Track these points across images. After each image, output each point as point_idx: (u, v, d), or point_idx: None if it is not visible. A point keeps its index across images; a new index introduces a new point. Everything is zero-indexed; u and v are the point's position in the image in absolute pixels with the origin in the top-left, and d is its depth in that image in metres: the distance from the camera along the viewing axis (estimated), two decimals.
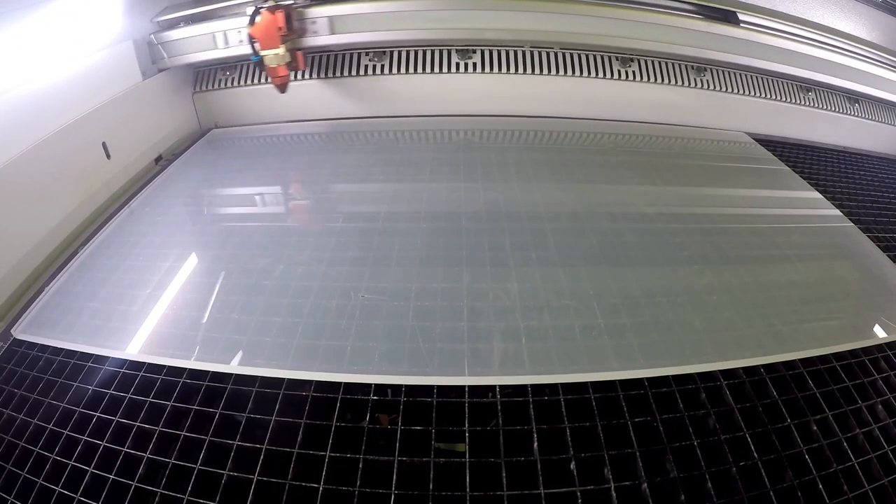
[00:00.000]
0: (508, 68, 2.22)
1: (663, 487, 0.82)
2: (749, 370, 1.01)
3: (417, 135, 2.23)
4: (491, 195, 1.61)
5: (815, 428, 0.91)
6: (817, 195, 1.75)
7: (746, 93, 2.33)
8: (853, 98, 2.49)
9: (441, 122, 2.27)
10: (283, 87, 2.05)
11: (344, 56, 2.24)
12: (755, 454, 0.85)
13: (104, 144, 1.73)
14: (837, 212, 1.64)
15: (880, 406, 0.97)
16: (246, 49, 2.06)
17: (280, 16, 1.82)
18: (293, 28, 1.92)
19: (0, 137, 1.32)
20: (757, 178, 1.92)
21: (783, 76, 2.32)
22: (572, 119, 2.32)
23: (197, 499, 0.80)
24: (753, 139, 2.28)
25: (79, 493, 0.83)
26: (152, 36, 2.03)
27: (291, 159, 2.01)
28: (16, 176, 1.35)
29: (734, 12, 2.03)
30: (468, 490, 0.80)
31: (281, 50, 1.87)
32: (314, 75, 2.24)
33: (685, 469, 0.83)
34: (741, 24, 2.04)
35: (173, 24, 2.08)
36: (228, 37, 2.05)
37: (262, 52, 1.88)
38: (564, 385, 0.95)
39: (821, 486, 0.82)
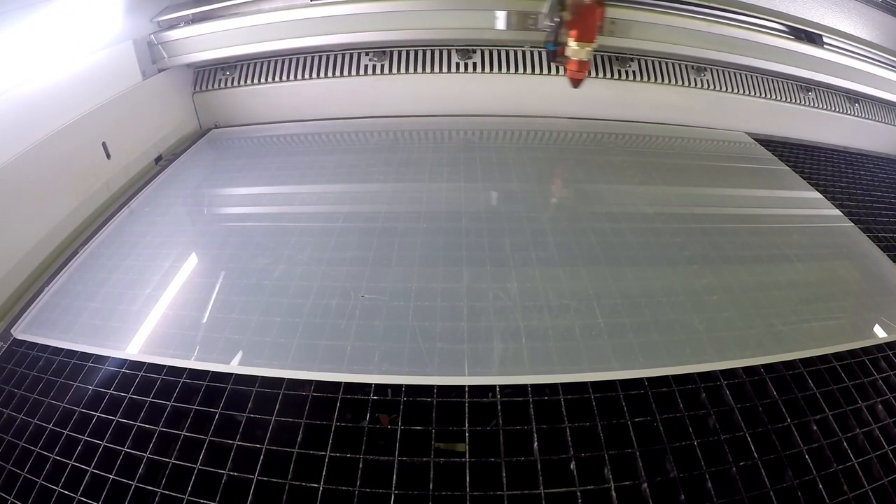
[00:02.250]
0: (508, 68, 2.22)
1: (663, 487, 0.81)
2: (749, 370, 1.01)
3: (417, 135, 2.23)
4: (491, 194, 1.61)
5: (815, 428, 0.91)
6: (817, 195, 1.75)
7: (746, 93, 2.33)
8: (853, 98, 2.49)
9: (441, 122, 2.27)
10: (578, 83, 1.87)
11: (344, 56, 2.24)
12: (755, 454, 0.85)
13: (104, 144, 1.73)
14: (837, 212, 1.64)
15: (880, 406, 0.97)
16: (246, 49, 2.05)
17: (602, 10, 1.70)
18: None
19: (0, 137, 1.32)
20: (757, 178, 1.92)
21: (783, 76, 2.32)
22: (572, 119, 2.32)
23: (197, 498, 0.80)
24: (753, 139, 2.28)
25: (79, 493, 0.83)
26: (152, 36, 2.03)
27: (291, 159, 2.01)
28: (16, 176, 1.35)
29: (819, 35, 2.01)
30: (468, 490, 0.80)
31: (594, 45, 1.73)
32: (320, 75, 2.23)
33: (685, 469, 0.83)
34: (825, 47, 2.04)
35: (173, 24, 2.08)
36: (230, 36, 2.05)
37: (574, 45, 1.70)
38: (564, 385, 0.95)
39: (821, 486, 0.82)
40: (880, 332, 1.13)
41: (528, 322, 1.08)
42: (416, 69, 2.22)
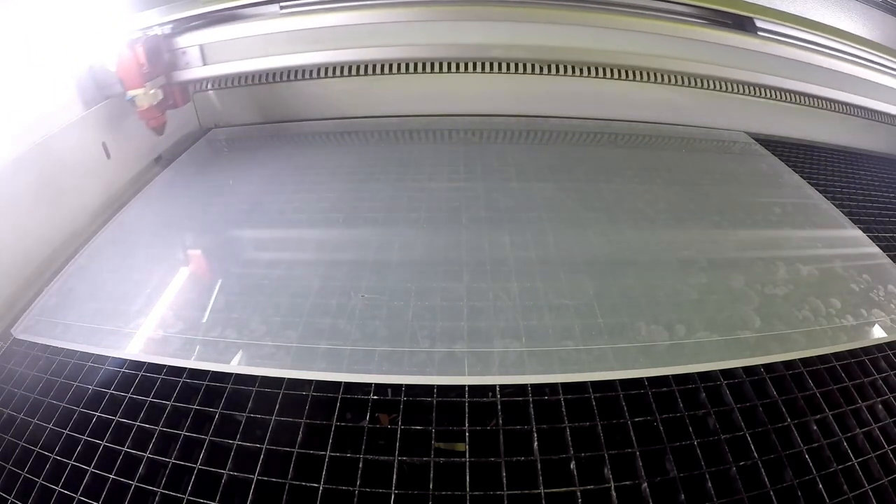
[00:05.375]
0: (509, 68, 2.21)
1: (663, 487, 0.82)
2: (749, 370, 1.01)
3: (418, 134, 2.23)
4: (491, 194, 1.61)
5: (814, 428, 0.91)
6: (817, 194, 1.75)
7: (746, 92, 2.33)
8: None
9: (441, 121, 2.27)
10: (158, 130, 1.80)
11: None
12: (755, 454, 0.85)
13: (104, 144, 1.73)
14: (837, 211, 1.64)
15: (880, 406, 0.97)
16: (207, 72, 1.91)
17: (140, 50, 1.58)
18: (164, 62, 1.70)
19: (0, 137, 1.32)
20: (756, 178, 1.92)
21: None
22: (572, 118, 2.32)
23: (197, 498, 0.80)
24: (753, 139, 2.27)
25: (79, 493, 0.83)
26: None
27: (291, 159, 2.01)
28: (16, 176, 1.35)
29: (750, 18, 1.79)
30: (468, 490, 0.80)
31: (145, 90, 1.61)
32: (319, 75, 2.23)
33: (685, 469, 0.83)
34: (758, 33, 1.84)
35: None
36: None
37: (130, 93, 1.61)
38: (564, 385, 0.95)
39: (821, 486, 0.82)
40: (880, 332, 1.14)
41: (528, 322, 1.08)
42: (416, 69, 2.21)
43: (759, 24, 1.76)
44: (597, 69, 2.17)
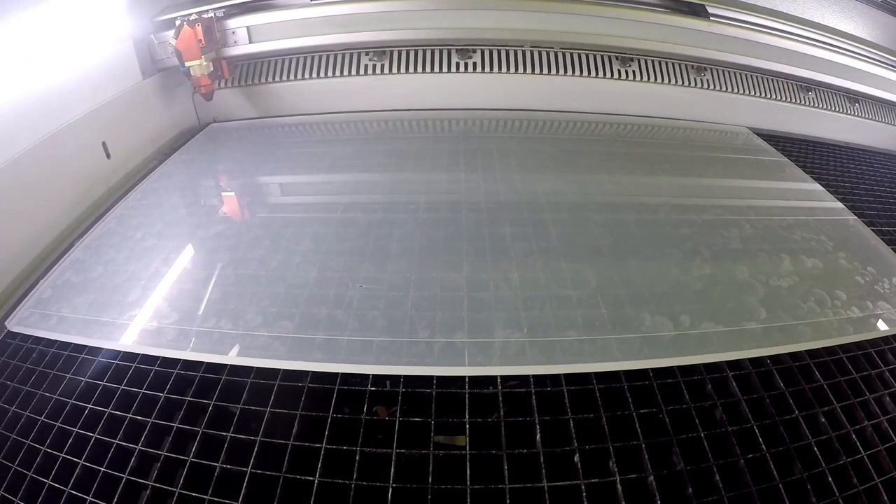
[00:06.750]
0: (508, 68, 2.22)
1: (670, 480, 0.79)
2: (755, 361, 0.99)
3: (417, 125, 2.22)
4: (491, 185, 1.59)
5: (822, 420, 0.89)
6: (820, 188, 1.74)
7: (747, 92, 2.33)
8: (853, 98, 2.49)
9: (442, 113, 2.27)
10: (208, 96, 2.13)
11: (344, 56, 2.24)
12: (763, 446, 0.83)
13: (104, 144, 1.72)
14: (841, 205, 1.63)
15: (888, 398, 0.96)
16: (245, 49, 2.09)
17: (199, 29, 1.91)
18: (215, 39, 2.01)
19: (0, 137, 1.32)
20: (760, 172, 1.91)
21: (783, 76, 2.32)
22: (573, 113, 2.31)
23: (189, 492, 0.78)
24: (756, 134, 2.27)
25: (69, 486, 0.81)
26: (152, 35, 2.03)
27: (290, 151, 2.00)
28: (16, 175, 1.34)
29: (703, 5, 2.09)
30: (468, 483, 0.77)
31: (201, 61, 1.95)
32: (319, 75, 2.23)
33: (692, 461, 0.81)
34: (710, 18, 2.08)
35: (173, 24, 2.08)
36: (230, 36, 2.07)
37: (187, 64, 1.94)
38: (567, 376, 0.93)
39: (830, 479, 0.80)
40: (886, 325, 1.12)
41: (529, 312, 1.06)
42: (415, 69, 2.22)
43: (710, 9, 2.11)
44: (597, 70, 2.21)
